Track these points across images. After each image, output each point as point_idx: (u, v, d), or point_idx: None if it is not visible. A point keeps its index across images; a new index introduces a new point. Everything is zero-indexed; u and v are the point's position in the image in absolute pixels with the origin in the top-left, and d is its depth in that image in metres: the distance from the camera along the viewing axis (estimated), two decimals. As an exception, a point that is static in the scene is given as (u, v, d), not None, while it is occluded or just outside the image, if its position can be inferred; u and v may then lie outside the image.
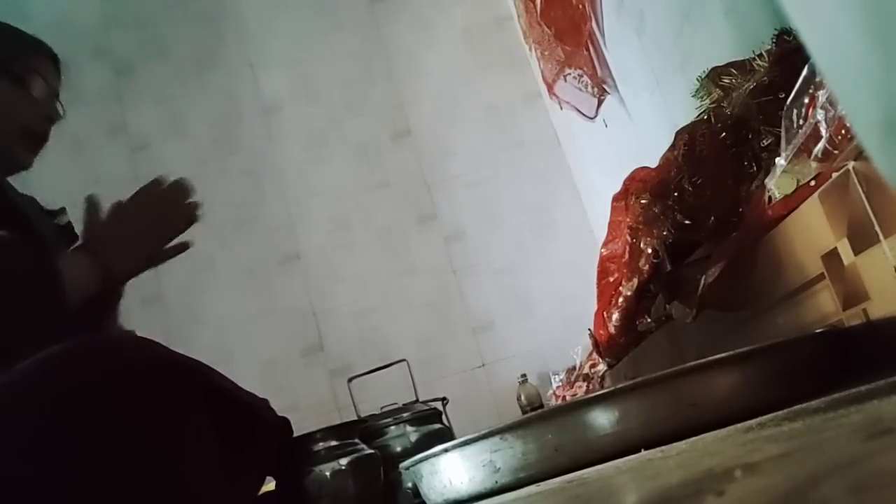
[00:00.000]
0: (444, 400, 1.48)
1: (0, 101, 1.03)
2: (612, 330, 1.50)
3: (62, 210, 1.13)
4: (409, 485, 1.09)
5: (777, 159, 0.83)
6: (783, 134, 0.83)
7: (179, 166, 2.92)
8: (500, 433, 0.68)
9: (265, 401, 0.97)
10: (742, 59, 1.08)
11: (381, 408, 1.37)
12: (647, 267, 1.24)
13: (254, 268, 2.90)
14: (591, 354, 2.01)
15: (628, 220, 1.27)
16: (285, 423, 1.02)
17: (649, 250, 1.21)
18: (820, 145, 0.74)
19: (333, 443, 1.00)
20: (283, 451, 0.98)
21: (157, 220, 0.99)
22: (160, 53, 3.09)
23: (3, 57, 1.04)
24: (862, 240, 0.70)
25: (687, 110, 1.25)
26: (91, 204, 0.99)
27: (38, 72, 1.07)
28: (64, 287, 0.83)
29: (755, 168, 1.00)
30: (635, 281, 1.30)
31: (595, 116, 2.50)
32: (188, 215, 1.00)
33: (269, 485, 1.00)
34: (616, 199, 1.37)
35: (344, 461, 0.99)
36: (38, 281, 0.83)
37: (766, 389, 0.68)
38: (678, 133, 1.17)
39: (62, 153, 2.85)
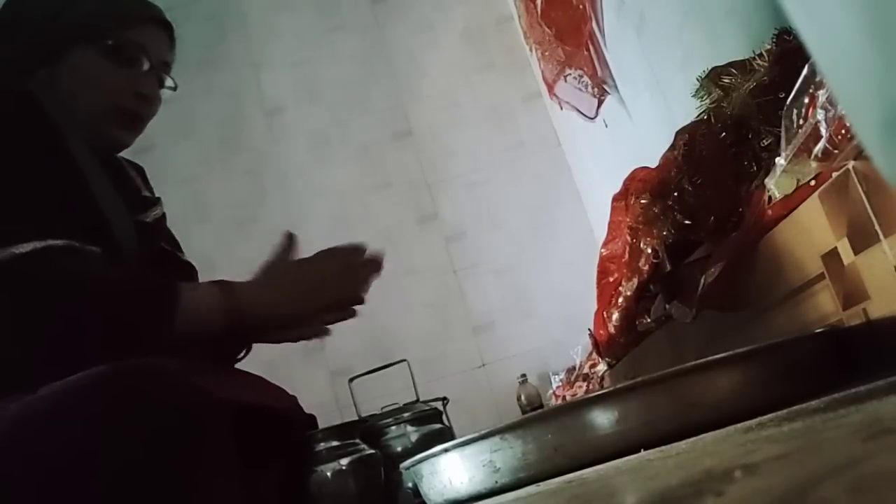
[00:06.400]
0: (444, 400, 1.48)
1: (90, 76, 0.95)
2: (612, 330, 1.50)
3: (157, 201, 1.06)
4: (410, 485, 1.09)
5: (777, 159, 0.83)
6: (783, 134, 0.83)
7: (183, 167, 2.93)
8: (500, 433, 0.68)
9: (293, 398, 0.97)
10: (742, 59, 1.08)
11: (382, 408, 1.37)
12: (647, 267, 1.24)
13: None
14: (591, 354, 2.01)
15: (628, 220, 1.26)
16: (312, 420, 1.03)
17: (649, 250, 1.21)
18: (820, 145, 0.74)
19: (334, 443, 1.00)
20: (297, 448, 0.98)
21: (322, 289, 0.96)
22: (164, 55, 3.09)
23: (98, 26, 0.95)
24: (862, 239, 0.70)
25: (687, 110, 1.25)
26: (287, 241, 0.99)
27: (137, 43, 0.97)
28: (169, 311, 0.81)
29: (755, 168, 0.99)
30: (635, 281, 1.29)
31: (595, 116, 2.50)
32: (354, 295, 0.97)
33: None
34: (616, 199, 1.37)
35: (345, 461, 0.99)
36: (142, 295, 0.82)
37: (765, 389, 0.68)
38: (678, 133, 1.16)
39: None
